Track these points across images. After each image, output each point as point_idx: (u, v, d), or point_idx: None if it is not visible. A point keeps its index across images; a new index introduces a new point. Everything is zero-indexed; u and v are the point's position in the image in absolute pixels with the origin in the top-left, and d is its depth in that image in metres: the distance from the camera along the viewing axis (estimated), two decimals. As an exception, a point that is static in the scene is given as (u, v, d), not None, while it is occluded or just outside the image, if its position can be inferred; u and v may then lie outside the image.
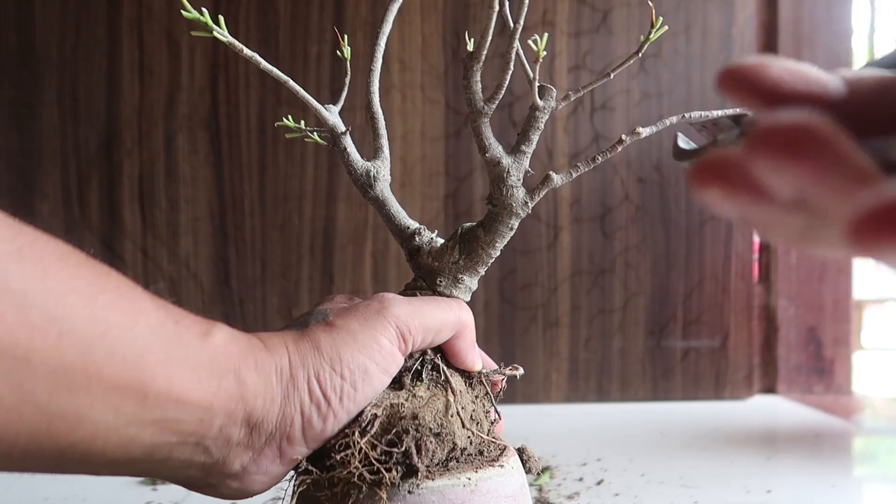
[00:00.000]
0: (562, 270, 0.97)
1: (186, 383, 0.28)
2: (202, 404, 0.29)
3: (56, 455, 0.26)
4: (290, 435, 0.32)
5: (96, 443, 0.27)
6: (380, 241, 0.94)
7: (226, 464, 0.31)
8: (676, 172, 0.98)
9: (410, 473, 0.34)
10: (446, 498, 0.34)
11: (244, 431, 0.30)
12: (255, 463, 0.31)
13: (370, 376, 0.33)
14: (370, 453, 0.33)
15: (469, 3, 0.95)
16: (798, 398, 1.01)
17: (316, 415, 0.32)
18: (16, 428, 0.25)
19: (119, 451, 0.27)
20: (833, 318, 1.04)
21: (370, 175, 0.39)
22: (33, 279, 0.25)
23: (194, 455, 0.29)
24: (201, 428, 0.29)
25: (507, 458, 0.38)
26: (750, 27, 0.99)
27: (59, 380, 0.25)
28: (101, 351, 0.26)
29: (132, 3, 0.92)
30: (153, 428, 0.28)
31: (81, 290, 0.27)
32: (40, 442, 0.25)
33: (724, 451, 0.71)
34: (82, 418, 0.26)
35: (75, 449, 0.26)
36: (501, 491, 0.36)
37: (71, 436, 0.26)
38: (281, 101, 0.94)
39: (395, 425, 0.34)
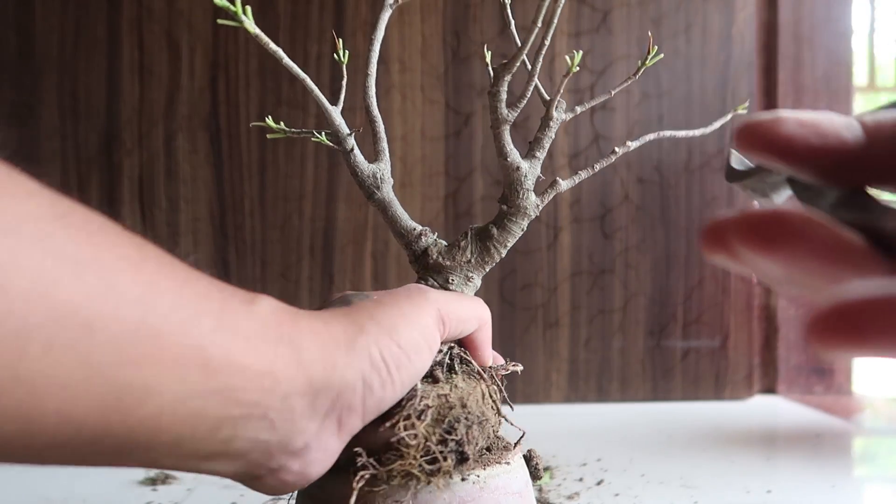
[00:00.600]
0: (562, 271, 0.97)
1: (244, 350, 0.27)
2: (262, 371, 0.28)
3: (124, 435, 0.25)
4: (351, 403, 0.31)
5: (163, 418, 0.25)
6: (380, 241, 0.94)
7: (290, 441, 0.30)
8: (676, 173, 0.98)
9: (462, 461, 0.35)
10: (456, 495, 0.34)
11: (306, 401, 0.29)
12: (317, 437, 0.31)
13: (420, 351, 0.34)
14: (430, 441, 0.34)
15: (469, 3, 0.95)
16: (798, 398, 1.01)
17: (377, 381, 0.32)
18: (85, 404, 0.23)
19: (185, 428, 0.26)
20: (833, 318, 1.04)
21: (377, 177, 0.40)
22: (83, 244, 0.24)
23: (259, 432, 0.28)
24: (265, 398, 0.28)
25: (513, 456, 0.38)
26: (750, 27, 0.99)
27: (123, 349, 0.24)
28: (159, 318, 0.25)
29: (132, 3, 0.92)
30: (217, 399, 0.26)
31: (129, 257, 0.26)
32: (109, 420, 0.24)
33: (724, 451, 0.71)
34: (149, 390, 0.25)
35: (144, 427, 0.25)
36: (509, 488, 0.36)
37: (139, 411, 0.25)
38: (281, 101, 0.94)
39: (447, 414, 0.35)
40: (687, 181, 0.98)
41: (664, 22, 0.97)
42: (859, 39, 1.44)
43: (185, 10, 0.93)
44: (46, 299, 0.22)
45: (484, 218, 0.95)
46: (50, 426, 0.23)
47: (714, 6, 0.98)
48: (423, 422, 0.34)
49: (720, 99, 0.98)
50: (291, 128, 0.42)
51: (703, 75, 0.98)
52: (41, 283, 0.22)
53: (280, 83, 0.94)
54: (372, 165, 0.40)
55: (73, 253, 0.24)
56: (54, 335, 0.23)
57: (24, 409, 0.22)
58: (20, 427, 0.23)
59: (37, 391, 0.22)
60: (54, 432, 0.23)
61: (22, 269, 0.22)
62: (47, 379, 0.23)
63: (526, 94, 0.40)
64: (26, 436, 0.23)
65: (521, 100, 0.40)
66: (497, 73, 0.40)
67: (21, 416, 0.22)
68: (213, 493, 0.59)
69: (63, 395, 0.23)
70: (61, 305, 0.23)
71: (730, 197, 0.99)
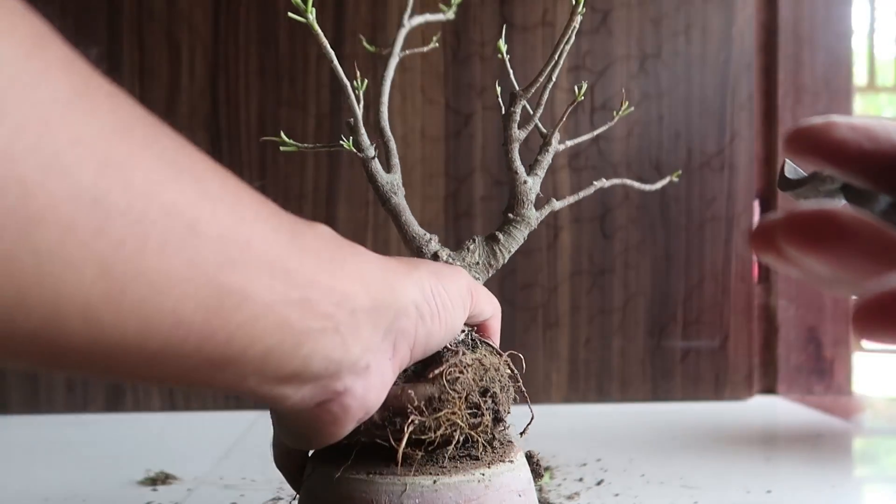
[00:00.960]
0: (562, 271, 0.97)
1: (315, 264, 0.28)
2: (332, 286, 0.29)
3: (223, 343, 0.25)
4: (405, 328, 0.33)
5: (257, 325, 0.26)
6: (380, 241, 0.94)
7: (356, 359, 0.30)
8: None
9: (497, 421, 0.37)
10: (462, 493, 0.35)
11: (369, 318, 0.30)
12: (376, 358, 0.32)
13: (457, 302, 0.35)
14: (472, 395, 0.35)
15: (469, 3, 0.95)
16: (798, 399, 1.01)
17: (427, 312, 0.33)
18: (193, 305, 0.24)
19: (274, 339, 0.27)
20: (833, 318, 1.04)
21: (393, 185, 0.44)
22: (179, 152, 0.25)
23: (332, 350, 0.29)
24: (337, 311, 0.29)
25: (516, 454, 0.39)
26: (750, 27, 0.99)
27: (221, 251, 0.25)
28: (247, 226, 0.26)
29: (132, 4, 0.92)
30: (299, 310, 0.27)
31: (215, 170, 0.27)
32: (213, 322, 0.25)
33: (724, 452, 0.71)
34: (245, 295, 0.25)
35: (241, 333, 0.26)
36: (512, 486, 0.37)
37: (237, 315, 0.25)
38: (281, 102, 0.94)
39: (483, 375, 0.37)
40: (687, 181, 0.98)
41: (664, 22, 0.97)
42: (859, 39, 1.44)
43: (186, 10, 0.93)
44: (158, 198, 0.23)
45: (484, 218, 0.95)
46: (165, 327, 0.24)
47: (714, 6, 0.98)
48: (469, 373, 0.36)
49: (720, 99, 0.98)
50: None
51: (703, 75, 0.98)
52: (153, 182, 0.23)
53: (280, 83, 0.94)
54: (388, 175, 0.44)
55: (173, 158, 0.24)
56: (167, 232, 0.23)
57: (145, 306, 0.23)
58: (140, 327, 0.23)
59: (156, 287, 0.23)
60: (168, 334, 0.24)
61: (137, 169, 0.23)
62: (163, 276, 0.23)
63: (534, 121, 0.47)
64: (143, 337, 0.23)
65: (531, 123, 0.46)
66: (512, 97, 0.45)
67: (142, 314, 0.23)
68: (213, 493, 0.59)
69: (176, 293, 0.23)
70: (169, 205, 0.23)
71: (730, 197, 0.99)
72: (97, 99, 0.22)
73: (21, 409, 0.92)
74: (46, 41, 0.21)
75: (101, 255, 0.21)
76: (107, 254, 0.22)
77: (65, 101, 0.21)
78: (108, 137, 0.22)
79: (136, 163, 0.23)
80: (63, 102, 0.21)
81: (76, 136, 0.21)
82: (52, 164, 0.20)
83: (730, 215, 0.98)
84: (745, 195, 0.99)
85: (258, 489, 0.59)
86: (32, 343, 0.22)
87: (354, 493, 0.35)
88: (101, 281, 0.22)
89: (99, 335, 0.22)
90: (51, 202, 0.20)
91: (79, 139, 0.21)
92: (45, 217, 0.20)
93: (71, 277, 0.21)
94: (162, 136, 0.25)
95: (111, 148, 0.22)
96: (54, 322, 0.21)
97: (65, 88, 0.21)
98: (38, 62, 0.20)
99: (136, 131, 0.23)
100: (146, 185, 0.23)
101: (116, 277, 0.22)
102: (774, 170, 1.04)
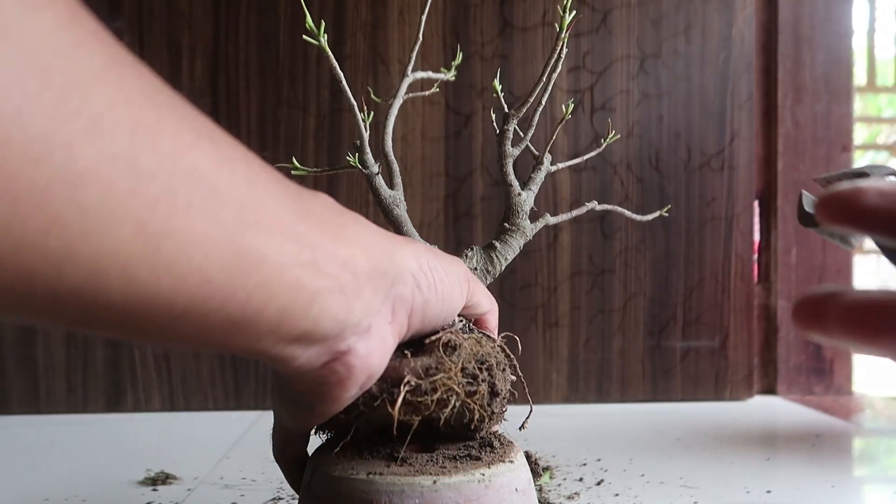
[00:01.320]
0: (561, 271, 0.97)
1: (320, 228, 0.30)
2: (335, 248, 0.30)
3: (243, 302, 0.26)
4: (403, 294, 0.33)
5: (273, 284, 0.27)
6: (380, 241, 0.94)
7: (359, 319, 0.31)
8: (676, 173, 0.98)
9: (493, 395, 0.37)
10: (462, 493, 0.35)
11: (370, 280, 0.31)
12: (377, 320, 0.32)
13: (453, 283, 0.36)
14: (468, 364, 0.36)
15: (469, 3, 0.95)
16: (798, 399, 1.01)
17: (424, 282, 0.34)
18: (218, 262, 0.25)
19: (289, 298, 0.28)
20: (833, 318, 1.04)
21: (395, 199, 0.46)
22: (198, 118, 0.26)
23: (339, 310, 0.30)
24: (341, 272, 0.30)
25: (516, 454, 0.39)
26: (749, 27, 0.99)
27: (240, 213, 0.26)
28: (259, 190, 0.27)
29: (132, 4, 0.92)
30: (309, 271, 0.28)
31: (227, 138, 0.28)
32: (234, 281, 0.26)
33: (724, 452, 0.71)
34: (262, 255, 0.26)
35: (259, 292, 0.27)
36: (512, 486, 0.37)
37: (255, 275, 0.26)
38: (281, 102, 0.94)
39: (480, 350, 0.37)
40: (687, 181, 0.98)
41: (664, 22, 0.97)
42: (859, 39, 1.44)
43: (186, 11, 0.93)
44: (182, 161, 0.24)
45: (484, 218, 0.95)
46: (192, 285, 0.25)
47: (714, 6, 0.98)
48: (466, 345, 0.36)
49: (720, 99, 0.98)
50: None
51: (702, 75, 0.98)
52: (177, 146, 0.24)
53: (280, 84, 0.94)
54: (391, 191, 0.46)
55: (192, 124, 0.26)
56: (192, 192, 0.24)
57: (176, 263, 0.24)
58: (171, 284, 0.24)
59: (185, 246, 0.24)
60: (194, 292, 0.25)
61: (164, 134, 0.24)
62: (191, 235, 0.24)
63: (526, 139, 0.49)
64: (173, 294, 0.24)
65: (523, 142, 0.49)
66: (505, 117, 0.48)
67: (174, 271, 0.24)
68: (213, 493, 0.59)
69: (202, 251, 0.25)
70: (192, 168, 0.24)
71: (730, 197, 0.99)
72: (124, 68, 0.24)
73: (21, 409, 0.92)
74: (80, 14, 0.22)
75: (137, 215, 0.23)
76: (142, 213, 0.23)
77: (99, 69, 0.22)
78: (138, 104, 0.23)
79: (163, 128, 0.24)
80: (98, 70, 0.22)
81: (111, 102, 0.22)
82: (92, 128, 0.21)
83: (730, 215, 0.98)
84: (745, 195, 0.99)
85: (258, 489, 0.59)
86: (75, 299, 0.23)
87: (354, 493, 0.35)
88: (137, 239, 0.23)
89: (135, 291, 0.24)
90: (92, 164, 0.21)
91: (113, 105, 0.22)
92: (88, 178, 0.21)
93: (112, 235, 0.22)
94: (180, 103, 0.26)
95: (141, 113, 0.23)
96: (96, 278, 0.22)
97: (98, 58, 0.22)
98: (75, 33, 0.22)
99: (160, 98, 0.25)
100: (172, 149, 0.24)
101: (150, 236, 0.23)
102: (774, 170, 1.04)
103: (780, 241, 1.04)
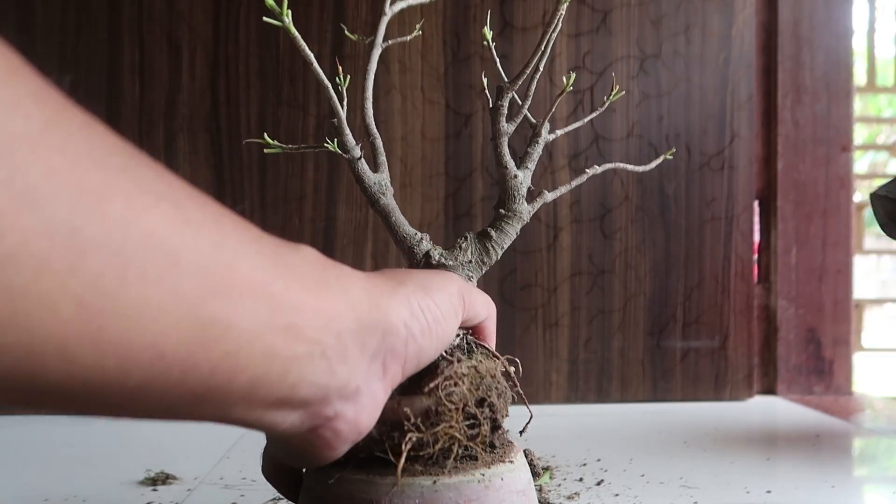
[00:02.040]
0: (561, 271, 0.97)
1: (300, 288, 0.28)
2: (317, 308, 0.28)
3: (207, 374, 0.25)
4: (395, 347, 0.32)
5: (241, 355, 0.25)
6: (380, 241, 0.94)
7: (345, 383, 0.30)
8: (677, 173, 0.98)
9: (494, 429, 0.36)
10: (462, 494, 0.35)
11: (356, 340, 0.30)
12: (366, 380, 0.31)
13: (449, 315, 0.35)
14: (469, 406, 0.35)
15: (469, 3, 0.95)
16: (798, 399, 1.01)
17: (417, 328, 0.32)
18: (175, 337, 0.23)
19: (261, 368, 0.26)
20: (833, 318, 1.04)
21: (381, 185, 0.42)
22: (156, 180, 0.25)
23: (320, 375, 0.29)
24: (322, 335, 0.28)
25: (516, 454, 0.39)
26: (749, 27, 0.99)
27: (203, 280, 0.24)
28: (229, 252, 0.25)
29: (132, 4, 0.92)
30: (285, 336, 0.27)
31: (195, 197, 0.26)
32: (195, 353, 0.24)
33: (724, 452, 0.71)
34: (228, 324, 0.25)
35: (225, 363, 0.25)
36: (513, 486, 0.37)
37: (221, 345, 0.25)
38: (281, 102, 0.94)
39: (479, 383, 0.36)
40: (687, 181, 0.98)
41: (664, 22, 0.97)
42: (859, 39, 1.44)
43: (186, 11, 0.93)
44: (137, 226, 0.22)
45: (484, 218, 0.95)
46: (145, 362, 0.23)
47: (714, 6, 0.98)
48: (465, 384, 0.35)
49: (720, 99, 0.98)
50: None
51: (702, 75, 0.98)
52: (131, 210, 0.22)
53: (280, 84, 0.94)
54: (376, 175, 0.43)
55: (152, 186, 0.24)
56: (147, 262, 0.23)
57: (125, 341, 0.22)
58: (119, 362, 0.23)
59: (135, 321, 0.22)
60: (148, 369, 0.23)
61: (114, 199, 0.22)
62: (143, 309, 0.23)
63: (522, 112, 0.46)
64: (124, 372, 0.23)
65: (519, 116, 0.45)
66: (499, 90, 0.44)
67: (122, 350, 0.22)
68: (213, 493, 0.59)
69: (156, 326, 0.23)
70: (149, 234, 0.23)
71: (730, 197, 0.99)
72: (70, 129, 0.22)
73: (21, 409, 0.92)
74: (17, 72, 0.21)
75: (78, 291, 0.21)
76: (84, 289, 0.21)
77: (37, 132, 0.20)
78: (83, 168, 0.22)
79: (115, 192, 0.22)
80: (35, 134, 0.20)
81: (49, 169, 0.20)
82: (24, 199, 0.20)
83: (730, 215, 0.98)
84: (745, 195, 0.99)
85: (258, 489, 0.59)
86: (9, 381, 0.21)
87: (354, 493, 0.35)
88: (78, 318, 0.21)
89: (77, 372, 0.22)
90: (23, 238, 0.20)
91: (52, 171, 0.20)
92: (19, 254, 0.20)
93: (46, 316, 0.21)
94: (139, 164, 0.24)
95: (86, 178, 0.21)
96: (30, 361, 0.21)
97: (37, 120, 0.21)
98: (9, 94, 0.20)
99: (113, 160, 0.23)
100: (124, 215, 0.22)
101: (94, 313, 0.21)
102: (774, 170, 1.04)
103: (779, 241, 1.04)
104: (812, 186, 1.04)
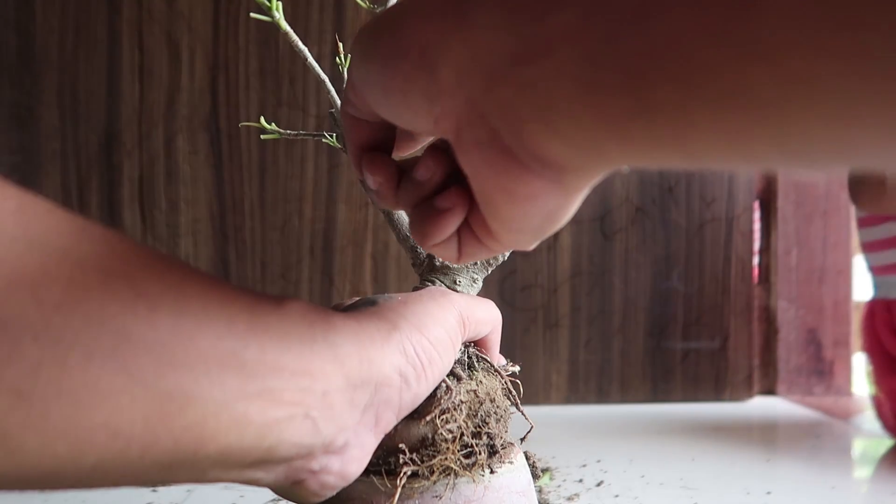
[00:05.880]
0: (562, 272, 0.97)
1: (278, 350, 0.27)
2: (299, 369, 0.27)
3: (170, 447, 0.24)
4: (388, 398, 0.31)
5: (207, 426, 0.25)
6: (380, 242, 0.94)
7: (332, 440, 0.29)
8: (676, 173, 0.98)
9: (492, 454, 0.36)
10: (462, 494, 0.35)
11: (345, 397, 0.29)
12: (356, 434, 0.30)
13: (446, 348, 0.34)
14: (466, 435, 0.35)
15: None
16: (798, 399, 1.01)
17: (412, 375, 0.32)
18: (130, 415, 0.23)
19: (231, 437, 0.26)
20: (833, 319, 1.04)
21: None
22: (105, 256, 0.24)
23: (303, 436, 0.28)
24: (305, 397, 0.27)
25: (516, 455, 0.39)
26: (750, 28, 0.99)
27: (160, 355, 0.23)
28: (190, 323, 0.25)
29: (132, 5, 0.92)
30: (259, 402, 0.26)
31: (153, 266, 0.25)
32: (155, 429, 0.23)
33: (724, 453, 0.71)
34: (190, 396, 0.24)
35: (189, 435, 0.24)
36: (513, 487, 0.37)
37: (182, 419, 0.24)
38: (281, 102, 0.94)
39: (478, 409, 0.36)
40: (687, 182, 0.98)
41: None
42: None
43: (185, 11, 0.93)
44: (81, 306, 0.22)
45: (484, 219, 0.95)
46: (99, 442, 0.23)
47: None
48: (461, 415, 0.35)
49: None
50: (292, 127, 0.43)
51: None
52: (73, 292, 0.22)
53: (280, 84, 0.94)
54: None
55: (98, 263, 0.23)
56: (93, 343, 0.22)
57: (73, 424, 0.22)
58: (70, 446, 0.22)
59: (82, 403, 0.22)
60: (103, 448, 0.23)
61: (53, 281, 0.22)
62: (91, 390, 0.22)
63: None
64: (77, 454, 0.22)
65: None
66: None
67: (70, 433, 0.22)
68: (213, 493, 0.59)
69: (108, 406, 0.22)
70: (96, 313, 0.22)
71: (730, 198, 0.99)
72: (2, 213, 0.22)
73: None
74: None
75: (13, 383, 0.21)
76: (20, 381, 0.21)
77: None
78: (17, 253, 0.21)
79: (55, 277, 0.22)
80: None
81: None
82: None
83: (730, 216, 0.98)
84: (745, 196, 0.99)
85: (258, 489, 0.59)
86: None
87: (354, 493, 0.35)
88: (17, 409, 0.21)
89: (26, 461, 0.21)
90: None
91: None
92: None
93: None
94: (86, 239, 0.24)
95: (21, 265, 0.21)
96: None
97: None
98: None
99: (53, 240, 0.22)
100: (64, 298, 0.22)
101: (35, 402, 0.21)
102: (774, 170, 1.04)
103: (779, 242, 1.04)
104: (812, 187, 1.04)
